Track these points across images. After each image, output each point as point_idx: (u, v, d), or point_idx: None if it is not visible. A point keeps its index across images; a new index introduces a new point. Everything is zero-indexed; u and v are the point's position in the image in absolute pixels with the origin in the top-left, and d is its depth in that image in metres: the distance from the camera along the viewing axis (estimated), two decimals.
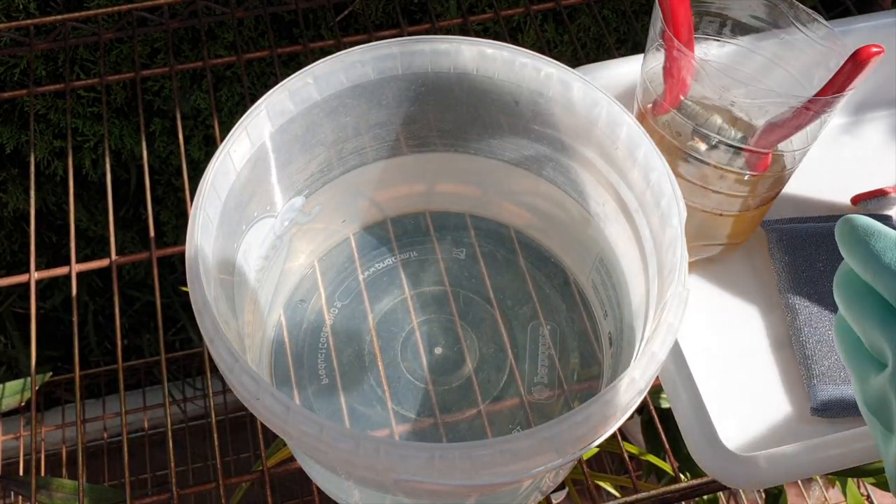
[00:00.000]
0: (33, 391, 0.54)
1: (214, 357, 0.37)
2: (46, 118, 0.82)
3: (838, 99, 0.44)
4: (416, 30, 0.69)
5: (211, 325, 0.37)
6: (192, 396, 1.01)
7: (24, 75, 0.78)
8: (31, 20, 0.70)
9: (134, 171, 0.89)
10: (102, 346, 1.00)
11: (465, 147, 0.50)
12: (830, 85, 0.44)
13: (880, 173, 0.61)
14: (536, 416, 0.49)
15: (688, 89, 0.49)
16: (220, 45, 0.80)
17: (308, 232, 0.52)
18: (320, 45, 0.69)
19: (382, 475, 0.35)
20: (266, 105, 0.43)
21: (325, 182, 0.50)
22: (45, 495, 0.64)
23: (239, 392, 0.37)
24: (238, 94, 0.83)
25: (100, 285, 0.95)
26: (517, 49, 0.44)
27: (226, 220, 0.42)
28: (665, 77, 0.49)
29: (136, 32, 0.70)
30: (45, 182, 0.87)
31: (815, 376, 0.51)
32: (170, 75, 0.66)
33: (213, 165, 0.41)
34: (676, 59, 0.47)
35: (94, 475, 0.94)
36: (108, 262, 0.58)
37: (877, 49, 0.42)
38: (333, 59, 0.44)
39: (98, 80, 0.67)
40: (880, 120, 0.64)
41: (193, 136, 0.86)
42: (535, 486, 0.47)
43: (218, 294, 0.40)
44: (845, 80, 0.43)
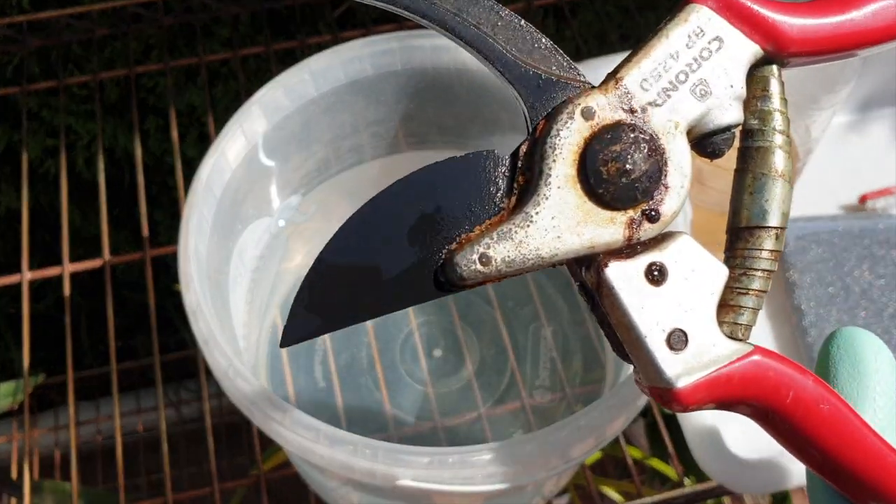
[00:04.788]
0: (26, 393, 0.53)
1: (208, 360, 0.37)
2: (39, 116, 0.81)
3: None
4: (414, 25, 0.68)
5: (205, 327, 0.37)
6: (188, 399, 1.00)
7: (16, 72, 0.77)
8: (25, 16, 0.69)
9: (128, 170, 0.88)
10: (96, 347, 0.99)
11: (465, 144, 0.50)
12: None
13: (887, 172, 0.60)
14: (538, 420, 0.49)
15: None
16: (216, 42, 0.79)
17: (305, 231, 0.51)
18: (317, 41, 0.68)
19: (381, 480, 0.35)
20: (260, 102, 0.42)
21: (323, 180, 0.49)
22: (39, 498, 0.63)
23: (233, 395, 0.36)
24: (234, 90, 0.82)
25: (93, 286, 0.94)
26: None
27: (220, 220, 0.41)
28: None
29: (131, 29, 0.69)
30: (38, 181, 0.86)
31: None
32: (164, 72, 0.66)
33: (207, 163, 0.40)
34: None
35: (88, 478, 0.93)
36: (101, 262, 0.58)
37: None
38: (330, 54, 0.43)
39: (91, 77, 0.66)
40: (887, 118, 0.64)
41: (188, 134, 0.85)
42: (536, 491, 0.46)
43: (212, 295, 0.39)
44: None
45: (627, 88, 0.22)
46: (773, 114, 0.24)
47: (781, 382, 0.22)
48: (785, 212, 0.23)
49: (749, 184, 0.24)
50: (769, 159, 0.23)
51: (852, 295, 0.53)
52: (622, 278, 0.22)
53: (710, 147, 0.23)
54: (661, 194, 0.23)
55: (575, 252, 0.23)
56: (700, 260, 0.23)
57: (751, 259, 0.23)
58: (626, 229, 0.22)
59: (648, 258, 0.22)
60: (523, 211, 0.22)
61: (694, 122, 0.23)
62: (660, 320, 0.22)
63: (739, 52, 0.23)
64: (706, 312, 0.23)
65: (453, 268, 0.22)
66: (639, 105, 0.22)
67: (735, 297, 0.23)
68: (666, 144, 0.23)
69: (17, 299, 0.90)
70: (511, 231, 0.22)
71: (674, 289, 0.22)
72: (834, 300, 0.53)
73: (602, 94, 0.22)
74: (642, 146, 0.22)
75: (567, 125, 0.22)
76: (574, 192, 0.22)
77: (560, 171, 0.22)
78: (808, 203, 0.58)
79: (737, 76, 0.23)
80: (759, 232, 0.23)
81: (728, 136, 0.23)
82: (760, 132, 0.24)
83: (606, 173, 0.22)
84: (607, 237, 0.22)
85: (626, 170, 0.22)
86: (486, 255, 0.22)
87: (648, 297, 0.22)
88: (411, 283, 0.22)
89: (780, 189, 0.23)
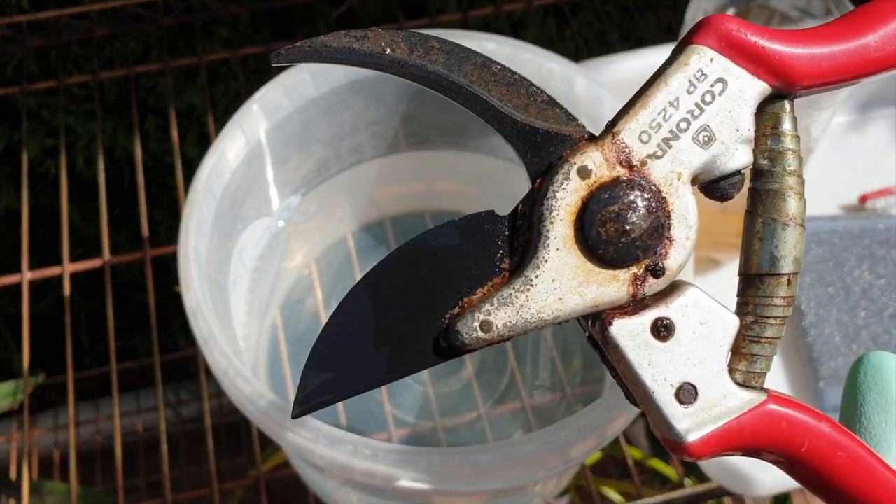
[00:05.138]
0: (26, 393, 0.53)
1: (208, 360, 0.37)
2: (39, 116, 0.81)
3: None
4: (414, 25, 0.68)
5: (205, 327, 0.37)
6: (187, 399, 1.00)
7: (16, 72, 0.77)
8: (24, 16, 0.69)
9: (127, 170, 0.88)
10: (96, 347, 0.99)
11: (465, 145, 0.50)
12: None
13: (887, 172, 0.60)
14: (538, 420, 0.48)
15: None
16: (216, 42, 0.79)
17: (305, 231, 0.51)
18: None
19: (380, 481, 0.35)
20: (260, 102, 0.42)
21: (323, 180, 0.49)
22: (38, 499, 0.63)
23: (233, 396, 0.36)
24: (234, 90, 0.82)
25: (93, 286, 0.94)
26: (519, 44, 0.43)
27: (220, 220, 0.41)
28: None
29: (130, 29, 0.69)
30: (38, 181, 0.86)
31: (823, 378, 0.50)
32: (164, 72, 0.66)
33: (207, 163, 0.40)
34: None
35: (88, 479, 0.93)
36: (101, 262, 0.58)
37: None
38: None
39: (91, 77, 0.66)
40: (887, 118, 0.64)
41: (188, 134, 0.85)
42: (537, 491, 0.46)
43: (213, 295, 0.39)
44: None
45: (625, 143, 0.22)
46: (785, 154, 0.23)
47: (795, 431, 0.22)
48: (797, 257, 0.23)
49: (759, 229, 0.23)
50: (780, 203, 0.23)
51: (852, 295, 0.53)
52: (628, 335, 0.22)
53: (718, 192, 0.23)
54: (665, 248, 0.22)
55: (578, 312, 0.22)
56: (709, 312, 0.22)
57: (763, 307, 0.23)
58: (630, 286, 0.22)
59: (654, 313, 0.22)
60: (523, 275, 0.22)
61: (699, 170, 0.22)
62: (668, 375, 0.22)
63: (745, 92, 0.22)
64: (716, 365, 0.22)
65: (455, 335, 0.22)
66: (638, 159, 0.22)
67: (748, 345, 0.23)
68: (668, 197, 0.22)
69: (17, 299, 0.90)
70: (511, 296, 0.22)
71: (681, 343, 0.22)
72: (834, 300, 0.53)
73: (598, 150, 0.22)
74: (642, 203, 0.22)
75: (563, 186, 0.22)
76: (574, 253, 0.22)
77: (558, 233, 0.22)
78: (808, 203, 0.58)
79: (743, 118, 0.22)
80: (770, 279, 0.23)
81: (737, 180, 0.23)
82: (771, 173, 0.23)
83: (605, 234, 0.21)
84: (611, 295, 0.22)
85: (625, 230, 0.21)
86: (488, 321, 0.22)
87: (655, 353, 0.22)
88: (415, 350, 0.22)
89: (792, 234, 0.23)
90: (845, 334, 0.52)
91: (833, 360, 0.51)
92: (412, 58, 0.22)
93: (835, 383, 0.50)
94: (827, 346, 0.51)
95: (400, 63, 0.22)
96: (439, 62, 0.22)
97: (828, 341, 0.52)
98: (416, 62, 0.22)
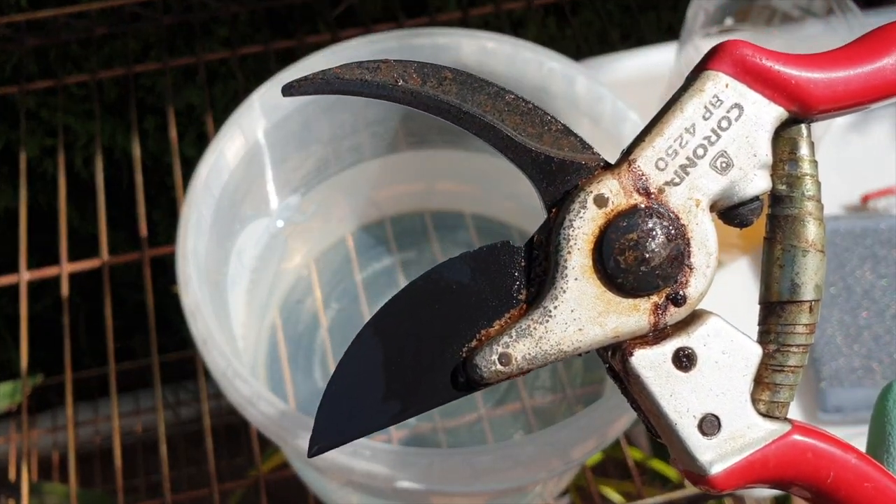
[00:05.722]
0: (24, 394, 0.52)
1: (207, 361, 0.36)
2: (37, 115, 0.81)
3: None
4: (414, 23, 0.68)
5: (203, 327, 0.36)
6: (186, 400, 0.99)
7: (15, 71, 0.76)
8: (23, 15, 0.69)
9: (126, 170, 0.88)
10: (94, 348, 0.99)
11: (465, 144, 0.49)
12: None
13: (889, 172, 0.60)
14: (539, 421, 0.48)
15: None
16: (215, 41, 0.79)
17: (304, 231, 0.51)
18: (316, 40, 0.68)
19: (380, 482, 0.34)
20: (260, 101, 0.42)
21: (322, 180, 0.49)
22: (37, 500, 0.63)
23: (232, 397, 0.36)
24: (233, 90, 0.82)
25: (91, 286, 0.94)
26: (520, 43, 0.43)
27: (219, 220, 0.41)
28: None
29: (129, 28, 0.69)
30: (36, 180, 0.86)
31: (825, 379, 0.50)
32: (163, 71, 0.66)
33: (206, 162, 0.40)
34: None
35: (87, 480, 0.93)
36: (99, 262, 0.57)
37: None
38: (329, 53, 0.43)
39: (90, 77, 0.66)
40: (889, 118, 0.64)
41: (187, 134, 0.85)
42: (537, 492, 0.46)
43: (211, 295, 0.39)
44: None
45: (642, 170, 0.21)
46: (803, 179, 0.22)
47: (821, 463, 0.21)
48: (818, 284, 0.22)
49: (778, 256, 0.22)
50: (799, 229, 0.22)
51: (854, 295, 0.53)
52: (649, 366, 0.22)
53: (737, 219, 0.22)
54: (685, 276, 0.22)
55: (599, 343, 0.22)
56: (731, 342, 0.22)
57: (784, 335, 0.22)
58: (651, 315, 0.22)
59: (676, 343, 0.22)
60: (541, 306, 0.21)
61: (717, 196, 0.22)
62: (690, 406, 0.22)
63: (762, 117, 0.22)
64: (739, 395, 0.22)
65: (473, 368, 0.21)
66: (655, 186, 0.21)
67: (771, 374, 0.22)
68: (688, 224, 0.21)
69: (15, 299, 0.90)
70: (530, 328, 0.21)
71: (704, 373, 0.22)
72: (836, 300, 0.53)
73: (615, 178, 0.21)
74: (660, 231, 0.21)
75: (580, 215, 0.21)
76: (592, 282, 0.21)
77: (576, 262, 0.21)
78: None
79: (761, 143, 0.22)
80: (792, 307, 0.22)
81: (755, 206, 0.22)
82: (789, 199, 0.22)
83: (624, 262, 0.21)
84: (632, 325, 0.22)
85: (645, 258, 0.21)
86: (506, 354, 0.21)
87: (678, 384, 0.22)
88: (432, 386, 0.22)
89: (812, 261, 0.22)
90: (847, 334, 0.52)
91: (835, 360, 0.51)
92: (425, 88, 0.22)
93: (836, 383, 0.50)
94: (829, 347, 0.51)
95: (413, 94, 0.22)
96: (452, 92, 0.22)
97: (830, 341, 0.52)
98: (430, 93, 0.22)
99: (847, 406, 0.49)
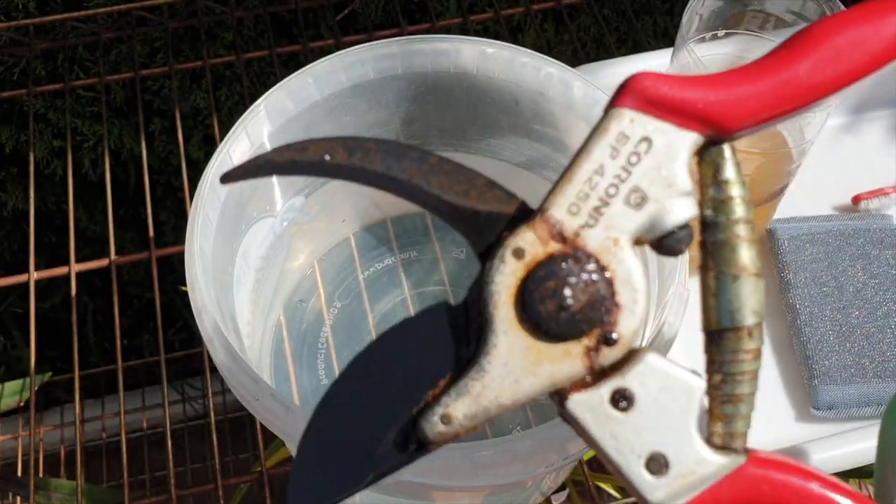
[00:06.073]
0: (32, 391, 0.53)
1: (213, 357, 0.37)
2: (46, 118, 0.82)
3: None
4: (415, 29, 0.69)
5: (210, 325, 0.37)
6: (192, 397, 1.00)
7: (23, 75, 0.77)
8: (31, 20, 0.70)
9: (133, 171, 0.88)
10: (102, 346, 1.00)
11: (465, 147, 0.50)
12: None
13: (881, 173, 0.61)
14: (537, 417, 0.49)
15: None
16: (220, 45, 0.80)
17: (308, 232, 0.52)
18: (320, 45, 0.69)
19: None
20: (265, 105, 0.43)
21: (326, 182, 0.50)
22: (43, 496, 0.64)
23: (238, 392, 0.37)
24: (237, 93, 0.83)
25: (99, 285, 0.95)
26: (517, 48, 0.44)
27: (225, 220, 0.42)
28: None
29: (136, 32, 0.70)
30: (45, 182, 0.87)
31: (816, 376, 0.51)
32: (169, 75, 0.66)
33: (212, 165, 0.41)
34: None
35: (93, 475, 0.94)
36: (107, 261, 0.58)
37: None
38: (333, 59, 0.44)
39: (97, 80, 0.67)
40: (880, 120, 0.64)
41: (193, 136, 0.86)
42: (535, 487, 0.47)
43: (217, 294, 0.40)
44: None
45: (555, 218, 0.21)
46: (728, 202, 0.22)
47: (779, 495, 0.20)
48: (756, 308, 0.21)
49: (711, 284, 0.22)
50: (728, 255, 0.22)
51: (846, 294, 0.54)
52: (587, 409, 0.21)
53: (665, 249, 0.22)
54: (613, 316, 0.21)
55: (538, 392, 0.22)
56: (668, 378, 0.21)
57: (728, 363, 0.21)
58: (584, 358, 0.21)
59: (612, 385, 0.21)
60: (476, 362, 0.21)
61: (636, 232, 0.21)
62: (634, 447, 0.21)
63: (674, 145, 0.21)
64: (683, 431, 0.21)
65: (419, 431, 0.21)
66: (570, 231, 0.21)
67: (721, 406, 0.21)
68: (609, 264, 0.21)
69: (24, 298, 0.91)
70: (467, 385, 0.21)
71: (644, 412, 0.21)
72: (828, 299, 0.54)
73: (530, 229, 0.21)
74: (578, 275, 0.21)
75: (500, 269, 0.21)
76: (520, 334, 0.21)
77: (503, 316, 0.21)
78: (803, 204, 0.59)
79: (677, 172, 0.21)
80: (730, 335, 0.21)
81: (681, 236, 0.22)
82: (716, 224, 0.22)
83: (545, 311, 0.21)
84: (566, 371, 0.21)
85: (564, 304, 0.21)
86: (447, 414, 0.21)
87: (617, 425, 0.21)
88: (388, 453, 0.22)
89: (745, 286, 0.21)
90: (839, 333, 0.53)
91: (827, 358, 0.52)
92: (352, 161, 0.22)
93: (828, 381, 0.51)
94: (821, 345, 0.52)
95: (341, 167, 0.22)
96: (377, 162, 0.22)
97: (822, 339, 0.52)
98: (357, 164, 0.22)
99: (839, 403, 0.50)
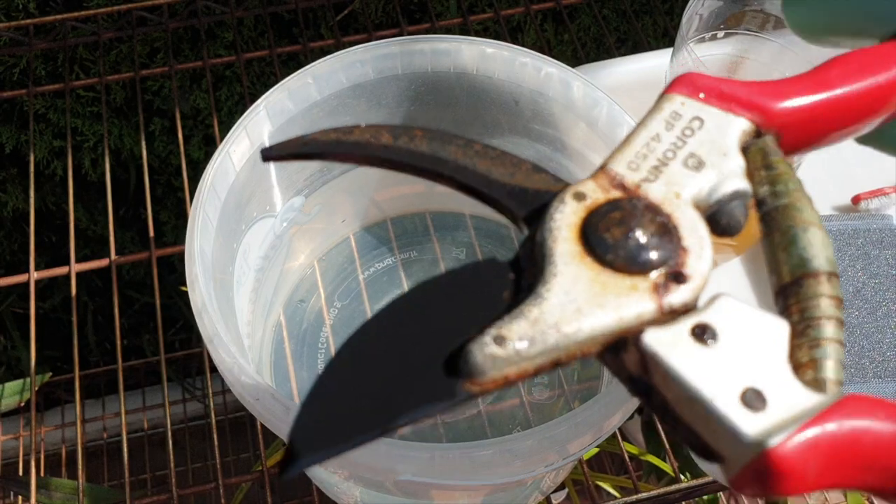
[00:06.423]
0: (33, 391, 0.53)
1: (214, 357, 0.37)
2: (46, 118, 0.82)
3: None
4: (415, 29, 0.69)
5: (210, 325, 0.37)
6: (192, 397, 1.00)
7: (23, 75, 0.78)
8: (31, 20, 0.70)
9: (133, 171, 0.88)
10: (102, 346, 1.00)
11: None
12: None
13: (881, 173, 0.61)
14: (536, 417, 0.49)
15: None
16: (220, 45, 0.80)
17: (308, 232, 0.52)
18: (320, 45, 0.69)
19: (382, 475, 0.35)
20: (266, 105, 0.43)
21: (325, 182, 0.50)
22: (45, 495, 0.64)
23: (238, 392, 0.37)
24: (238, 93, 0.83)
25: (99, 285, 0.95)
26: (517, 48, 0.44)
27: (225, 221, 0.42)
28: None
29: (136, 32, 0.70)
30: (45, 182, 0.87)
31: None
32: (169, 75, 0.66)
33: (212, 165, 0.41)
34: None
35: (94, 475, 0.94)
36: (107, 261, 0.58)
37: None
38: (333, 59, 0.44)
39: (97, 80, 0.67)
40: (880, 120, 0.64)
41: (193, 136, 0.86)
42: (535, 486, 0.47)
43: (217, 294, 0.40)
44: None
45: (615, 171, 0.21)
46: (784, 175, 0.22)
47: (879, 434, 0.18)
48: (830, 258, 0.20)
49: (779, 241, 0.21)
50: (794, 214, 0.21)
51: (846, 294, 0.54)
52: (666, 343, 0.19)
53: (725, 219, 0.21)
54: (681, 257, 0.20)
55: (602, 326, 0.19)
56: (751, 316, 0.20)
57: (809, 309, 0.20)
58: (653, 294, 0.20)
59: (690, 321, 0.19)
60: (534, 291, 0.20)
61: (696, 193, 0.21)
62: (727, 380, 0.18)
63: (723, 125, 0.22)
64: (777, 366, 0.19)
65: (466, 358, 0.19)
66: (631, 184, 0.21)
67: (807, 351, 0.19)
68: (672, 212, 0.21)
69: (24, 298, 0.91)
70: (523, 311, 0.19)
71: (732, 347, 0.19)
72: None
73: (591, 181, 0.21)
74: (645, 211, 0.20)
75: (560, 209, 0.21)
76: (584, 265, 0.20)
77: (563, 249, 0.20)
78: None
79: (729, 145, 0.21)
80: (808, 280, 0.20)
81: (739, 205, 0.21)
82: (775, 194, 0.21)
83: (612, 238, 0.20)
84: (635, 306, 0.19)
85: (632, 230, 0.20)
86: (501, 335, 0.19)
87: (703, 358, 0.19)
88: (422, 390, 0.19)
89: (816, 235, 0.21)
90: None
91: None
92: (398, 143, 0.23)
93: None
94: None
95: (387, 148, 0.23)
96: (423, 145, 0.23)
97: None
98: (402, 146, 0.23)
99: None
